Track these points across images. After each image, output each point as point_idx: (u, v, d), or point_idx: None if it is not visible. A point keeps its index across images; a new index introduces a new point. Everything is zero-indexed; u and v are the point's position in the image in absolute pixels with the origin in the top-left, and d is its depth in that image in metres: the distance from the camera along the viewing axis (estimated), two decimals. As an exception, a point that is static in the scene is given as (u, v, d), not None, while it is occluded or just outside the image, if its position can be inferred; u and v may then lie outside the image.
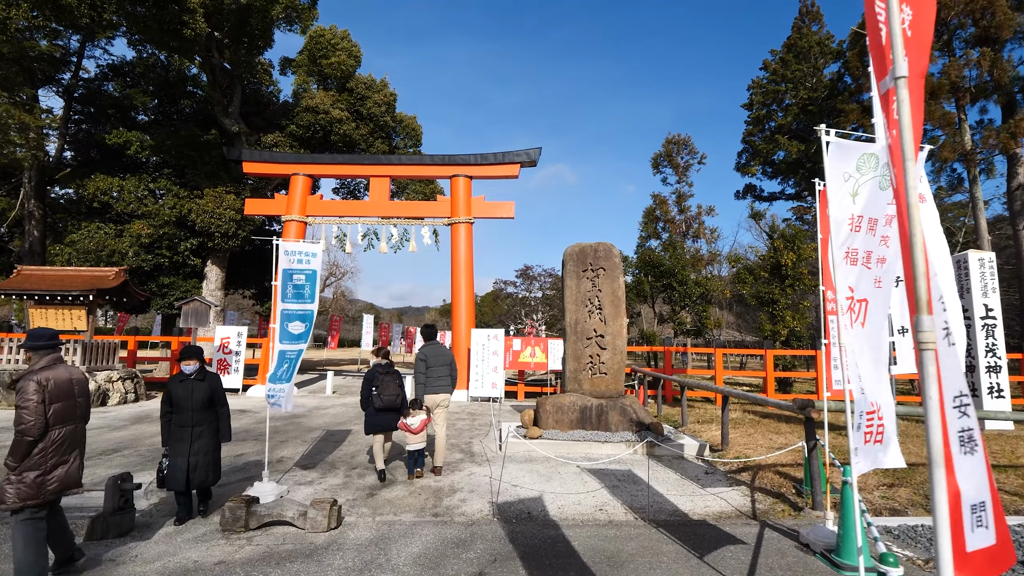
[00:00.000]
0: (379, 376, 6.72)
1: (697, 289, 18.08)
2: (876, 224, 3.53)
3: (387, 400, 6.64)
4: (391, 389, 6.68)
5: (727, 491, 6.46)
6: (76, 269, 14.29)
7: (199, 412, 5.14)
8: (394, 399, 6.68)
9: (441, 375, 7.16)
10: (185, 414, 5.09)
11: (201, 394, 5.16)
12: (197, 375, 5.21)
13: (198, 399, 5.13)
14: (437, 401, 7.15)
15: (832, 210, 3.30)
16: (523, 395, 16.19)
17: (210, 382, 5.28)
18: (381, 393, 6.64)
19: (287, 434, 9.56)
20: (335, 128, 20.66)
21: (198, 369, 5.24)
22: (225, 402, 5.42)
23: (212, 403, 5.26)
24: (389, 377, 6.75)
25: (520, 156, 17.25)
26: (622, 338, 9.50)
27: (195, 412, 5.11)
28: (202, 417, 5.15)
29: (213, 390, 5.28)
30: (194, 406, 5.11)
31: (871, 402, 3.22)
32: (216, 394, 5.31)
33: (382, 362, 6.89)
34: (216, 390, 5.32)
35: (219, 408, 5.35)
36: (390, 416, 6.76)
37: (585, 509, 5.71)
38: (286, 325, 6.16)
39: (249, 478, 6.53)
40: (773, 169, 26.95)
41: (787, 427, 10.20)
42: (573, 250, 9.86)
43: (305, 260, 6.36)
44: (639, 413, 9.11)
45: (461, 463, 7.63)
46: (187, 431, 5.07)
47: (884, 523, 5.27)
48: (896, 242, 3.59)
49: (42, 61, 18.44)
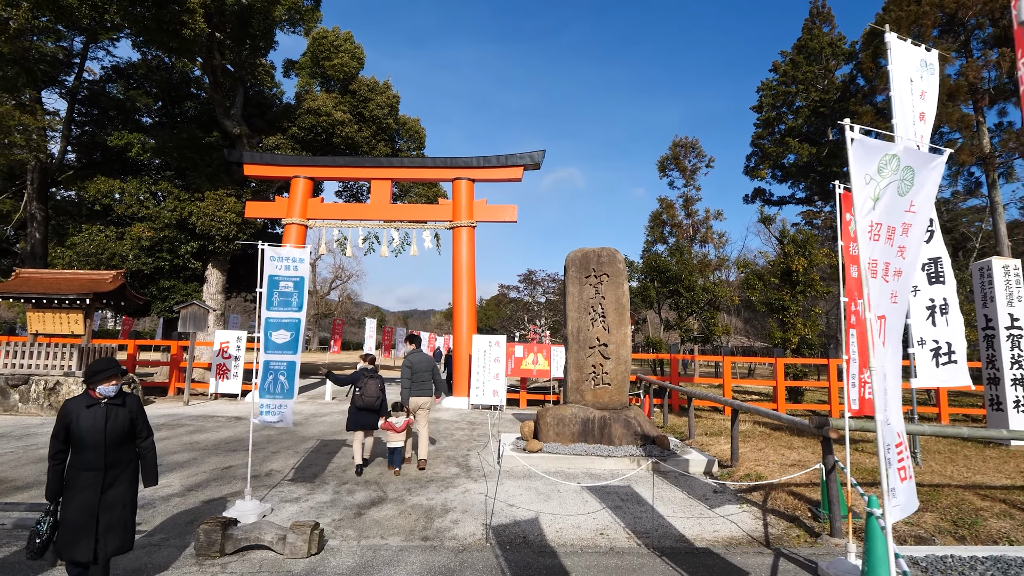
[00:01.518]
0: (363, 379, 7.42)
1: (705, 295, 17.65)
2: (894, 233, 3.18)
3: (367, 401, 7.32)
4: (372, 391, 7.35)
5: (737, 513, 6.08)
6: (74, 272, 14.09)
7: (116, 449, 3.76)
8: (374, 400, 7.34)
9: (424, 380, 7.91)
10: (94, 452, 3.66)
11: (120, 424, 3.79)
12: (115, 399, 3.83)
13: (116, 431, 3.75)
14: (420, 403, 7.86)
15: (857, 216, 2.93)
16: (525, 403, 15.83)
17: (131, 407, 3.91)
18: (363, 394, 7.32)
19: (279, 444, 9.26)
20: (337, 130, 20.43)
21: (119, 391, 3.88)
22: (150, 433, 4.04)
23: (133, 435, 3.90)
24: (372, 380, 7.42)
25: (523, 159, 16.94)
26: (626, 347, 9.13)
27: (110, 449, 3.71)
28: (119, 456, 3.78)
29: (135, 417, 3.91)
30: (109, 440, 3.71)
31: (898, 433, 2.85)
32: (139, 423, 3.94)
33: (368, 367, 7.58)
34: (139, 417, 3.95)
35: (142, 442, 3.96)
36: (370, 416, 7.40)
37: (585, 533, 5.35)
38: (270, 334, 5.85)
39: (235, 494, 6.21)
40: (783, 173, 26.48)
41: (800, 441, 9.78)
42: (576, 255, 9.51)
43: (293, 266, 6.05)
44: (644, 426, 8.73)
45: (456, 479, 7.28)
46: (97, 476, 3.65)
47: (910, 553, 4.87)
48: (913, 253, 3.24)
49: (45, 63, 18.35)
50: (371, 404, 7.33)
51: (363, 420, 7.36)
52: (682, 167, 28.92)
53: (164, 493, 6.30)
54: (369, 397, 7.32)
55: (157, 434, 9.90)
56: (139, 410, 3.98)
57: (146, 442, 4.01)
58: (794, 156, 24.87)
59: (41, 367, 12.74)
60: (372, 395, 7.33)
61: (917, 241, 3.17)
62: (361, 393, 7.32)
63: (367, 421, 7.39)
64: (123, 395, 3.92)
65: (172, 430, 10.43)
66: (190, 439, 9.56)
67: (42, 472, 7.03)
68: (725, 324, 19.08)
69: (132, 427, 3.89)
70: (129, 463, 3.87)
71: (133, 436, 3.92)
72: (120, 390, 3.90)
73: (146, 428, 4.02)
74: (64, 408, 3.75)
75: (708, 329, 18.10)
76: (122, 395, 3.90)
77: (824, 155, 23.08)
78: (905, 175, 3.13)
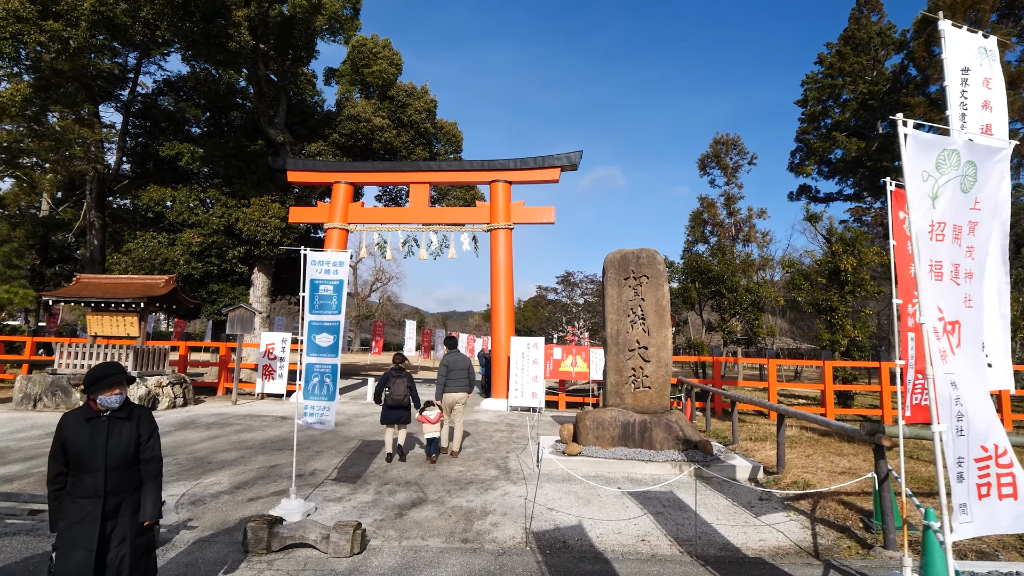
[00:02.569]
0: (392, 378, 8.09)
1: (748, 296, 17.16)
2: (960, 232, 3.00)
3: (396, 399, 8.02)
4: (400, 390, 8.03)
5: (784, 521, 5.89)
6: (129, 277, 14.78)
7: (119, 472, 3.16)
8: (401, 398, 8.02)
9: (459, 378, 8.66)
10: (91, 476, 3.08)
11: (125, 441, 3.20)
12: (119, 411, 3.26)
13: (119, 450, 3.16)
14: (456, 399, 8.64)
15: (913, 215, 2.79)
16: (564, 405, 15.75)
17: (139, 420, 3.32)
18: (392, 393, 8.04)
19: (323, 444, 9.46)
20: (376, 136, 20.82)
21: (124, 402, 3.30)
22: (157, 453, 3.36)
23: (138, 456, 3.27)
24: (400, 379, 8.08)
25: (560, 160, 16.87)
26: (667, 350, 8.97)
27: (112, 472, 3.12)
28: (123, 481, 3.17)
29: (142, 433, 3.30)
30: (110, 461, 3.12)
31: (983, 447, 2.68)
32: (145, 439, 3.31)
33: (395, 367, 8.23)
34: (147, 433, 3.32)
35: (146, 465, 3.29)
36: (399, 412, 8.09)
37: (626, 539, 5.27)
38: (313, 337, 5.99)
39: (280, 492, 6.38)
40: (829, 168, 25.54)
41: (850, 448, 9.41)
42: (614, 257, 9.41)
43: (332, 270, 6.18)
44: (686, 430, 8.56)
45: (495, 481, 7.29)
46: (95, 505, 3.06)
47: (971, 568, 4.61)
48: (983, 253, 3.05)
49: (102, 78, 19.32)
50: (399, 401, 8.03)
51: (393, 416, 8.10)
52: (723, 165, 28.22)
53: (214, 490, 6.53)
54: (397, 395, 8.03)
55: (208, 432, 10.28)
56: (149, 425, 3.37)
57: (150, 464, 3.30)
58: (841, 151, 23.97)
59: (101, 368, 13.39)
60: (400, 394, 8.04)
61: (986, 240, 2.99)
62: (390, 392, 8.05)
63: (396, 417, 8.10)
64: (130, 407, 3.35)
65: (222, 429, 10.80)
66: (238, 438, 9.88)
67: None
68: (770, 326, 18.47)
69: (139, 446, 3.27)
70: (138, 489, 3.26)
71: (138, 457, 3.29)
72: (127, 401, 3.34)
73: (153, 447, 3.34)
74: (60, 422, 3.19)
75: (752, 331, 17.59)
76: (129, 406, 3.33)
77: (874, 149, 22.16)
78: (967, 170, 2.96)
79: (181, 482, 6.84)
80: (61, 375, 13.16)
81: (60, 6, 14.11)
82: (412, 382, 8.18)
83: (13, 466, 7.44)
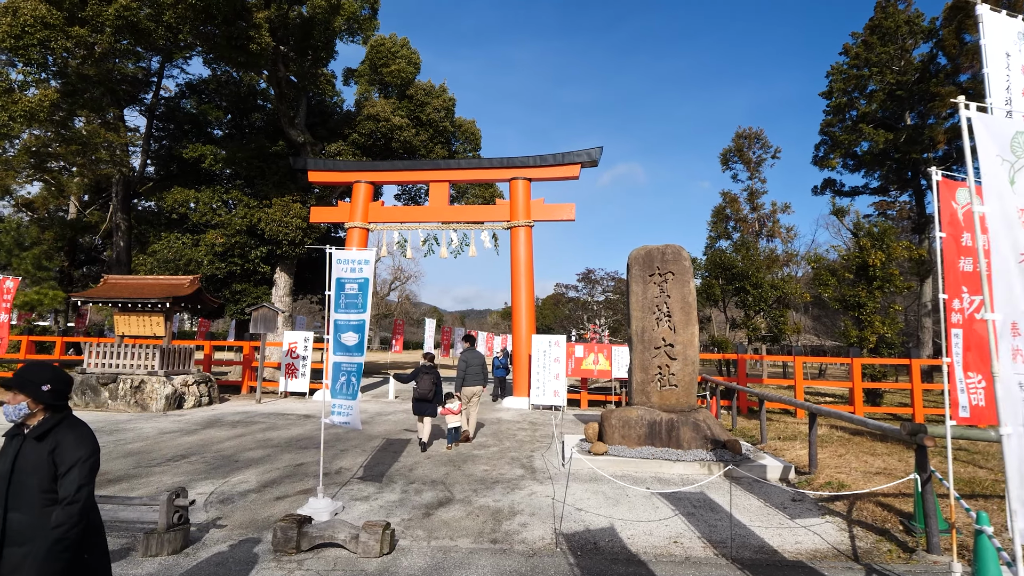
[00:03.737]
0: (421, 374, 8.85)
1: (773, 292, 16.81)
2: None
3: (421, 392, 8.75)
4: (426, 385, 8.75)
5: (820, 523, 5.72)
6: (155, 278, 15.00)
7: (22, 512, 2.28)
8: (426, 392, 8.73)
9: (476, 373, 9.83)
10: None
11: (31, 468, 2.30)
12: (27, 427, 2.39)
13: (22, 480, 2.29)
14: (473, 391, 9.81)
15: (991, 202, 2.60)
16: (586, 403, 15.63)
17: (57, 446, 2.34)
18: (419, 387, 8.78)
19: (348, 443, 9.48)
20: (396, 135, 20.87)
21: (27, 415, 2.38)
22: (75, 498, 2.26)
23: (51, 488, 2.29)
24: (427, 376, 8.81)
25: (581, 156, 16.73)
26: (693, 347, 8.81)
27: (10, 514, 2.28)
28: (27, 523, 2.27)
29: (59, 465, 2.31)
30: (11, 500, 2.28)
31: None
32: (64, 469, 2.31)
33: (425, 364, 9.00)
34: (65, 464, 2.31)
35: (65, 506, 2.24)
36: (425, 404, 8.79)
37: (658, 541, 5.16)
38: (339, 336, 5.97)
39: (307, 491, 6.37)
40: (855, 162, 24.95)
41: (883, 447, 9.16)
42: (639, 253, 9.27)
43: (358, 268, 6.15)
44: (714, 429, 8.40)
45: (521, 480, 7.22)
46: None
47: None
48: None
49: (126, 82, 19.64)
50: (425, 395, 8.73)
51: (421, 408, 8.84)
52: (746, 159, 27.67)
53: (242, 489, 6.56)
54: (422, 389, 8.74)
55: (233, 431, 10.37)
56: (71, 453, 2.32)
57: (65, 509, 2.23)
58: (868, 143, 23.37)
59: (127, 366, 13.61)
60: (426, 388, 8.73)
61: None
62: (417, 386, 8.80)
63: (424, 409, 8.83)
64: (50, 425, 2.38)
65: (247, 427, 10.89)
66: (264, 436, 9.94)
67: (133, 465, 7.48)
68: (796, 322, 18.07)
69: (54, 475, 2.30)
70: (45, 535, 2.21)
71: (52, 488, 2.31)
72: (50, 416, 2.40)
73: (71, 484, 2.27)
74: None
75: (777, 328, 17.24)
76: (48, 424, 2.38)
77: (902, 141, 21.57)
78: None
79: (209, 480, 6.88)
80: (90, 374, 13.41)
81: (85, 12, 14.35)
82: (438, 379, 8.94)
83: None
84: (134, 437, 9.61)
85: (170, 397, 13.24)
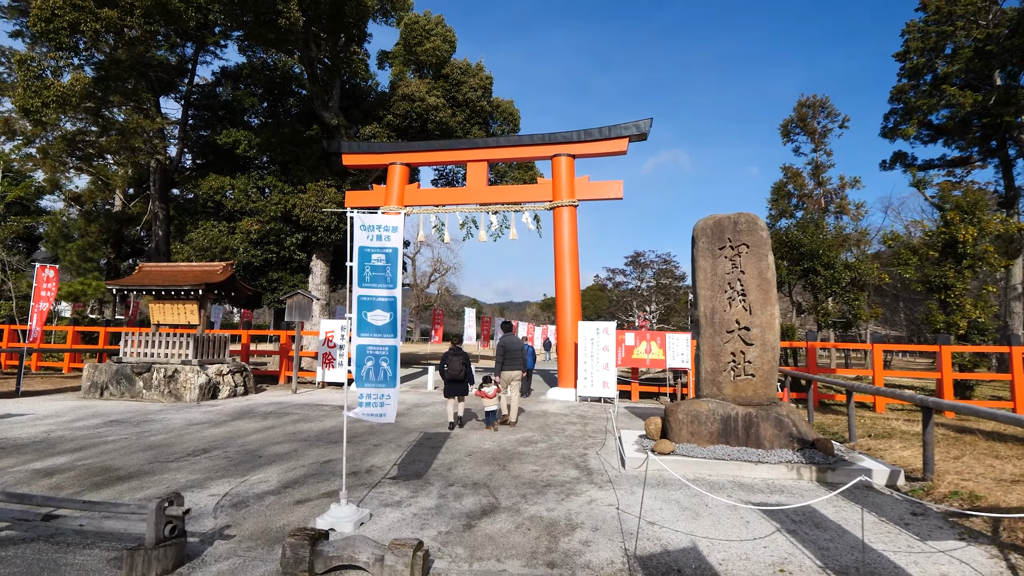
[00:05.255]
0: (449, 357, 9.26)
1: (847, 273, 15.17)
2: None
3: (452, 373, 9.17)
4: (456, 366, 9.17)
5: (961, 548, 4.51)
6: (189, 265, 14.61)
7: None
8: (457, 373, 9.17)
9: (515, 358, 9.87)
10: None
11: None
12: None
13: None
14: (512, 376, 9.86)
15: None
16: (637, 395, 14.48)
17: None
18: (449, 368, 9.16)
19: (382, 436, 8.68)
20: (431, 116, 20.02)
21: None
22: None
23: None
24: (456, 357, 9.25)
25: (629, 129, 15.50)
26: (773, 331, 7.60)
27: None
28: None
29: None
30: None
31: None
32: None
33: (453, 347, 9.51)
34: None
35: None
36: (456, 385, 9.27)
37: (759, 568, 4.08)
38: (364, 314, 5.08)
39: (331, 494, 5.54)
40: (931, 132, 22.62)
41: (1005, 448, 7.75)
42: (706, 224, 8.08)
43: (385, 236, 5.25)
44: (799, 426, 7.20)
45: (577, 484, 6.21)
46: None
47: None
48: None
49: (162, 69, 19.41)
50: (456, 375, 9.18)
51: (453, 389, 9.30)
52: (810, 129, 25.32)
53: (260, 490, 5.78)
54: (452, 371, 9.15)
55: (263, 422, 9.73)
56: None
57: None
58: (949, 110, 21.01)
59: (161, 355, 13.25)
60: (456, 369, 9.16)
61: None
62: (448, 368, 9.19)
63: (457, 389, 9.32)
64: None
65: (278, 419, 10.25)
66: (294, 428, 9.26)
67: (149, 460, 6.84)
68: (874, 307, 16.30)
69: None
70: None
71: None
72: None
73: None
74: None
75: (852, 313, 15.55)
76: None
77: (991, 103, 19.27)
78: None
79: (226, 479, 6.15)
80: (126, 364, 13.08)
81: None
82: (467, 359, 9.34)
83: (60, 457, 7.00)
84: (160, 428, 9.06)
85: (204, 387, 12.80)
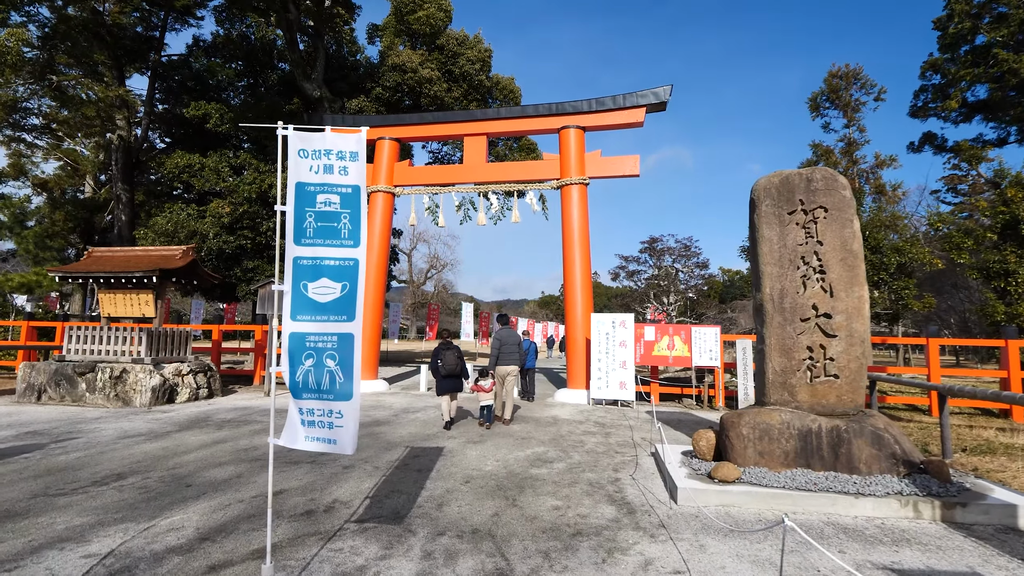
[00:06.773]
0: (442, 352, 8.53)
1: (896, 258, 13.40)
2: None
3: (448, 368, 8.42)
4: (451, 360, 8.45)
5: None
6: (144, 249, 12.79)
7: None
8: (454, 367, 8.45)
9: (511, 352, 9.21)
10: None
11: None
12: None
13: None
14: (508, 371, 9.17)
15: None
16: (658, 397, 12.74)
17: None
18: (444, 363, 8.42)
19: (356, 454, 6.89)
20: (424, 89, 18.24)
21: None
22: None
23: None
24: (449, 352, 8.53)
25: (646, 97, 13.71)
26: (862, 319, 5.87)
27: None
28: None
29: None
30: None
31: None
32: None
33: (444, 341, 8.72)
34: None
35: None
36: (454, 381, 8.55)
37: None
38: (304, 286, 3.31)
39: (261, 553, 3.70)
40: (966, 110, 20.82)
41: None
42: (770, 182, 6.34)
43: (340, 167, 3.47)
44: (902, 443, 5.46)
45: (619, 531, 4.43)
46: None
47: None
48: None
49: (127, 38, 17.52)
50: (452, 370, 8.46)
51: (449, 385, 8.56)
52: (843, 102, 23.22)
53: (164, 544, 3.98)
54: (449, 365, 8.43)
55: (215, 434, 7.95)
56: None
57: None
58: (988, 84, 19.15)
59: (109, 353, 11.44)
60: (452, 363, 8.45)
61: None
62: (443, 363, 8.42)
63: (452, 386, 8.59)
64: None
65: (235, 429, 8.47)
66: (249, 443, 7.47)
67: (34, 493, 5.04)
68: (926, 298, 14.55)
69: None
70: None
71: None
72: None
73: None
74: None
75: (902, 302, 13.77)
76: None
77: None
78: None
79: (124, 524, 4.36)
80: (67, 362, 11.29)
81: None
82: (460, 352, 8.68)
83: (-84, 489, 5.20)
84: (81, 444, 7.27)
85: (157, 389, 11.01)
